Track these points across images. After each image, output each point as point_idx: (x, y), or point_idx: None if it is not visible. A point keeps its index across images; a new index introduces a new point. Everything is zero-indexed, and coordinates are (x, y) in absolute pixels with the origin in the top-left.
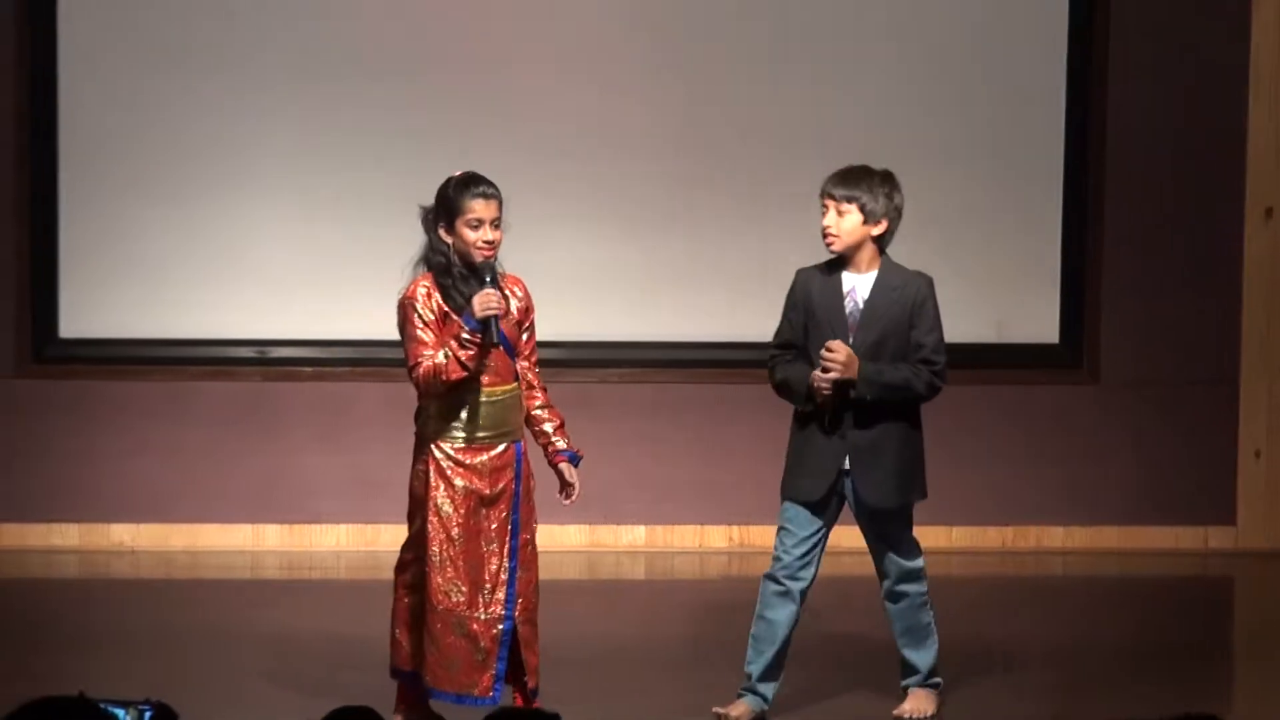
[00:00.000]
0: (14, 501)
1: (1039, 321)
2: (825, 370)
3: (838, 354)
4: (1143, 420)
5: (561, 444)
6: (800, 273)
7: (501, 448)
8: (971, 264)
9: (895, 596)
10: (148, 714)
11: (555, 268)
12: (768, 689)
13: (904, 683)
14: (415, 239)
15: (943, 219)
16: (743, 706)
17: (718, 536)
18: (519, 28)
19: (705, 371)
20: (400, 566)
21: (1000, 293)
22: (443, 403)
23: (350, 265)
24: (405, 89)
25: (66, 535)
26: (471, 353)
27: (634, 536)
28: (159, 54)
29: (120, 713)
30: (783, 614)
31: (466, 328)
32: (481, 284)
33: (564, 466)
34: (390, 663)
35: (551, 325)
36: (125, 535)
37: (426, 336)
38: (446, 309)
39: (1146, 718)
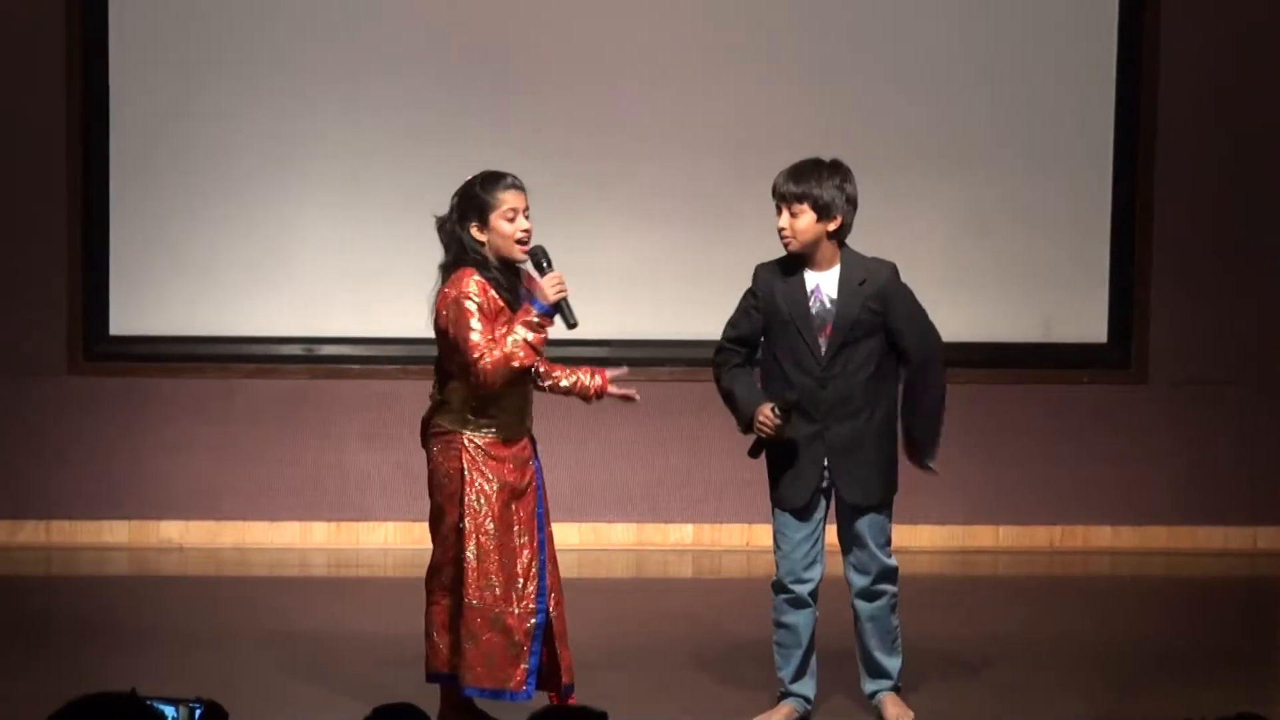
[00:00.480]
0: (64, 498)
1: (1087, 321)
2: (763, 426)
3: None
4: (1191, 420)
5: (585, 373)
6: (760, 269)
7: (524, 441)
8: (1020, 264)
9: (872, 596)
10: (198, 711)
11: (602, 267)
12: (806, 688)
13: (873, 688)
14: None
15: (991, 219)
16: (785, 709)
17: (765, 535)
18: (566, 29)
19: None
20: (434, 569)
21: (1048, 292)
22: (473, 397)
23: (397, 264)
24: (452, 90)
25: (116, 532)
26: (543, 336)
27: (681, 535)
28: (208, 56)
29: (170, 710)
30: (799, 618)
31: (538, 313)
32: (540, 270)
33: (612, 373)
34: (428, 668)
35: (599, 324)
36: (174, 532)
37: (486, 328)
38: (502, 303)
39: (1194, 718)
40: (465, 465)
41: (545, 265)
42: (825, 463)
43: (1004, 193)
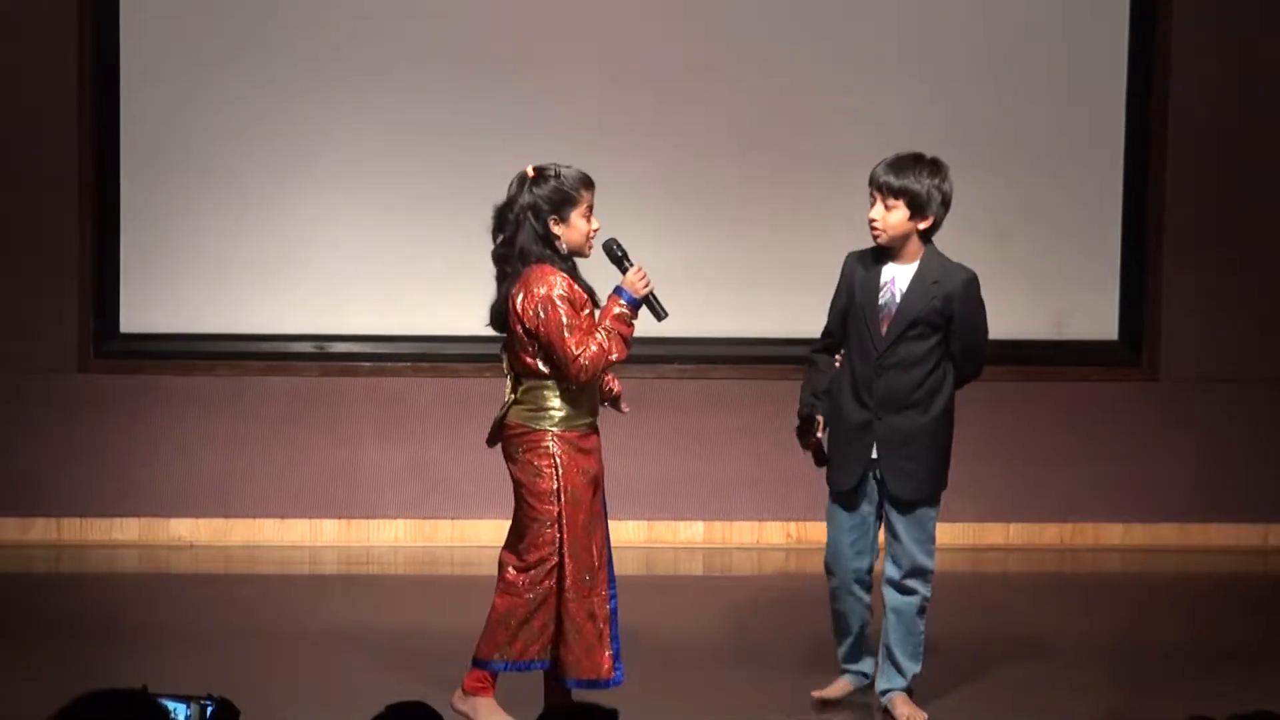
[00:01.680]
0: (75, 497)
1: (1098, 318)
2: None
3: None
4: (1201, 417)
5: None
6: (849, 256)
7: (597, 431)
8: (1030, 261)
9: (901, 589)
10: (209, 709)
11: (612, 265)
12: (863, 665)
13: (885, 685)
14: (474, 235)
15: (1002, 215)
16: (842, 683)
17: (775, 533)
18: (581, 27)
19: (763, 368)
20: (523, 566)
21: (1059, 290)
22: (559, 394)
23: (410, 262)
24: (467, 87)
25: (127, 530)
26: (633, 329)
27: (692, 532)
28: (220, 52)
29: (182, 708)
30: (845, 605)
31: (626, 304)
32: (619, 264)
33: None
34: (515, 659)
35: None
36: (184, 530)
37: (579, 322)
38: (585, 295)
39: (1205, 715)
40: (560, 462)
41: (625, 259)
42: (874, 452)
43: (1016, 192)
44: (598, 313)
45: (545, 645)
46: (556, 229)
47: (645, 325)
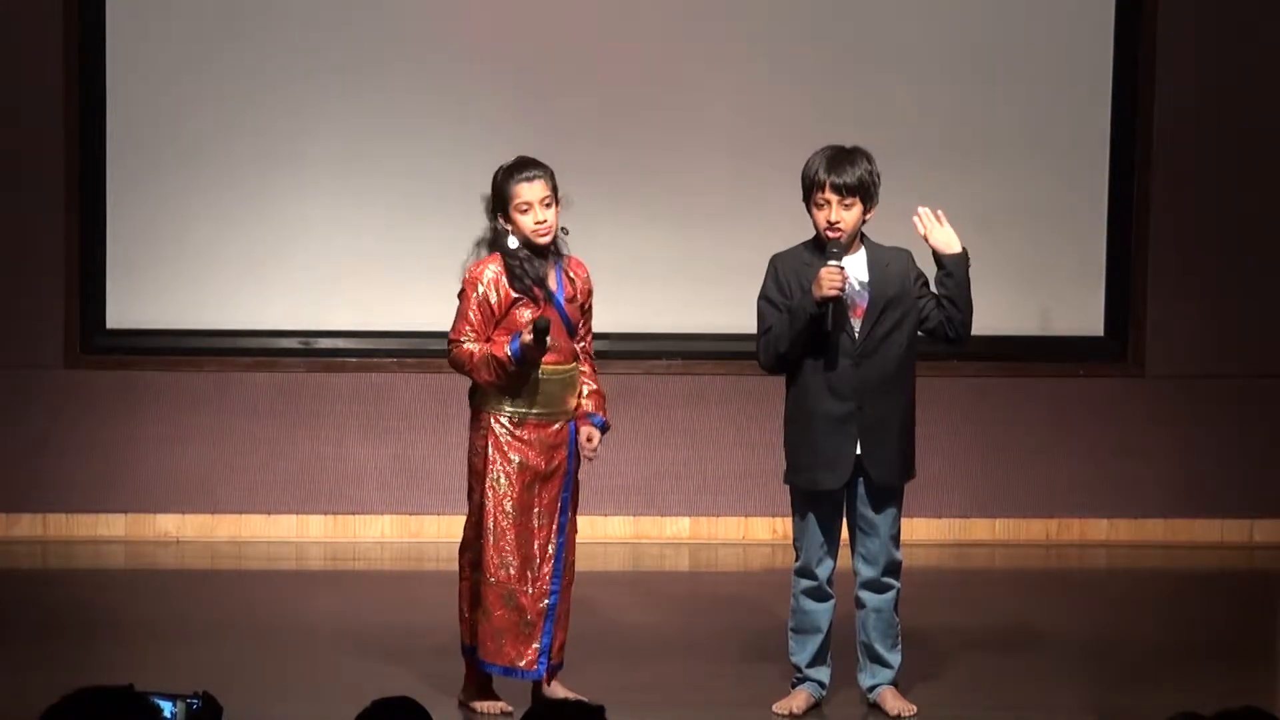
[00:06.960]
0: (61, 492)
1: (1084, 314)
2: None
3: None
4: (1187, 413)
5: (589, 406)
6: (781, 260)
7: (558, 425)
8: (1016, 256)
9: (879, 588)
10: (195, 706)
11: (600, 260)
12: (822, 674)
13: (872, 681)
14: (460, 230)
15: (987, 211)
16: (801, 696)
17: (761, 528)
18: (567, 18)
19: (750, 363)
20: (464, 545)
21: (1045, 285)
22: None
23: (395, 257)
24: (452, 80)
25: (113, 526)
26: (502, 365)
27: (678, 528)
28: (206, 48)
29: (169, 705)
30: (821, 606)
31: (510, 355)
32: (538, 336)
33: (584, 429)
34: (460, 641)
35: (596, 317)
36: (171, 526)
37: (475, 318)
38: (515, 294)
39: (1193, 711)
40: (490, 444)
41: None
42: (858, 447)
43: (1002, 186)
44: (526, 313)
45: (470, 630)
46: (507, 224)
47: (634, 320)
